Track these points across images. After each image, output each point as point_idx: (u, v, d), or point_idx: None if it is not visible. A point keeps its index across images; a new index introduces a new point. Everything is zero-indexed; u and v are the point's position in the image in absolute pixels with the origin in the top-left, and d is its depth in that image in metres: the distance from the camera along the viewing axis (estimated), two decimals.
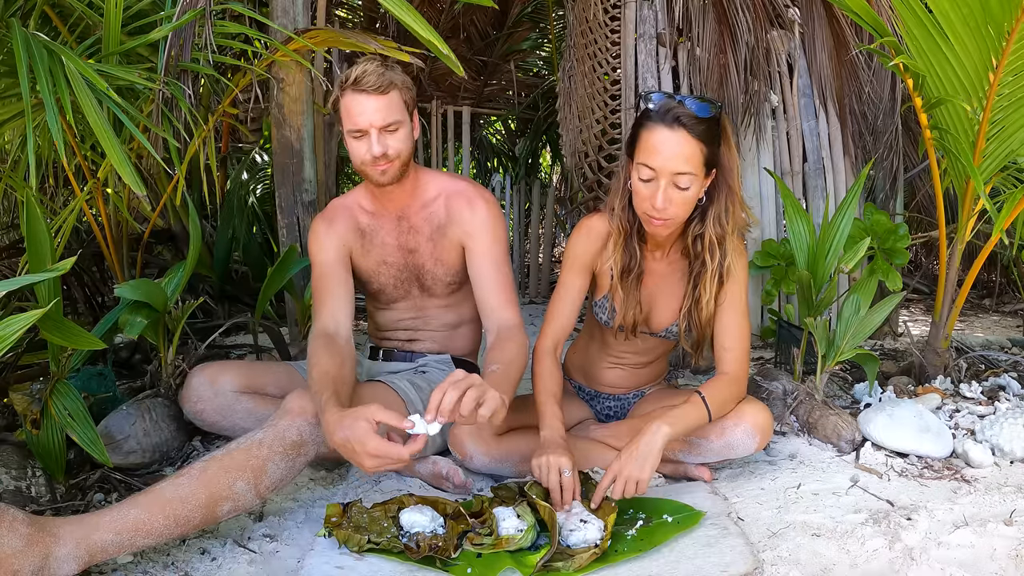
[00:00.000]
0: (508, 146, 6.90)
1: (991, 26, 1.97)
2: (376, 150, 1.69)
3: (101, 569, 1.34)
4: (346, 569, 1.33)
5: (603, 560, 1.34)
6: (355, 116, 1.69)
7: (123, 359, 2.49)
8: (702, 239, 1.65)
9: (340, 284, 1.79)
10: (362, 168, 1.74)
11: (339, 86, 1.72)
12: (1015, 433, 1.87)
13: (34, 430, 1.62)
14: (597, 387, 1.97)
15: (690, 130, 1.48)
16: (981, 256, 2.29)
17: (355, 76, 1.68)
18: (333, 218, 1.86)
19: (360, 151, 1.72)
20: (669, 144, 1.49)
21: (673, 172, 1.49)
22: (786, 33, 3.15)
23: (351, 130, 1.71)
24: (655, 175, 1.51)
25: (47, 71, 1.65)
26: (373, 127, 1.69)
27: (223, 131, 3.50)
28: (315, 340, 1.69)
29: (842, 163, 3.15)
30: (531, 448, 1.72)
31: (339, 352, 1.65)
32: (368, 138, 1.70)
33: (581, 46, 3.51)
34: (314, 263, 1.83)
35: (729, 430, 1.68)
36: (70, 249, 2.78)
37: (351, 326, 1.77)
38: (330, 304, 1.76)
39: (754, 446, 1.70)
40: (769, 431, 1.70)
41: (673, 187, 1.51)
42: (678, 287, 1.75)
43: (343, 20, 5.77)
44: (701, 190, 1.56)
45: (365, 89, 1.68)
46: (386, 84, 1.69)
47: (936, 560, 1.37)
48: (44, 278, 1.54)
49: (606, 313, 1.77)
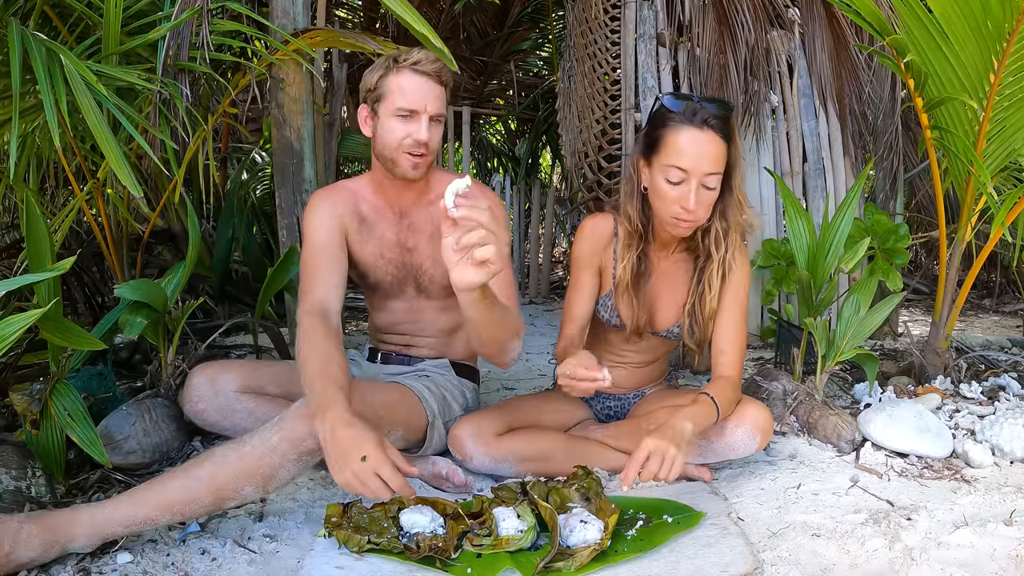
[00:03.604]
0: (508, 146, 6.90)
1: (992, 27, 1.97)
2: (424, 135, 1.66)
3: (101, 569, 1.34)
4: (346, 569, 1.33)
5: (603, 560, 1.34)
6: (410, 94, 1.64)
7: (123, 359, 2.49)
8: (708, 233, 1.66)
9: (334, 262, 1.72)
10: (395, 154, 1.69)
11: (387, 64, 1.67)
12: (1015, 433, 1.87)
13: (34, 430, 1.62)
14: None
15: (717, 130, 1.50)
16: (981, 256, 2.29)
17: (416, 57, 1.65)
18: (334, 197, 1.80)
19: (402, 132, 1.66)
20: (700, 144, 1.50)
21: (704, 172, 1.50)
22: (786, 33, 3.15)
23: (401, 107, 1.65)
24: (686, 176, 1.51)
25: (46, 71, 1.65)
26: (426, 111, 1.66)
27: (223, 131, 3.50)
28: (309, 317, 1.60)
29: (842, 163, 3.15)
30: (531, 449, 1.73)
31: (336, 335, 1.58)
32: (417, 121, 1.66)
33: (581, 46, 3.51)
34: (308, 238, 1.74)
35: (730, 431, 1.68)
36: (70, 249, 2.78)
37: (340, 310, 1.69)
38: (323, 282, 1.68)
39: (755, 446, 1.70)
40: (770, 431, 1.71)
41: (703, 188, 1.52)
42: (682, 285, 1.77)
43: (343, 20, 5.77)
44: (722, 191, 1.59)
45: (427, 72, 1.66)
46: (445, 75, 1.68)
47: (936, 560, 1.37)
48: (44, 278, 1.54)
49: (608, 312, 1.78)
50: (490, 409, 1.83)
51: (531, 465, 1.74)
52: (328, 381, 1.43)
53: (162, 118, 2.09)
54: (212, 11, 2.16)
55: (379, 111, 1.69)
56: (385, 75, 1.67)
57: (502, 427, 1.75)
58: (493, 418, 1.76)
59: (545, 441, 1.77)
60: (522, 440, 1.74)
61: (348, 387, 1.46)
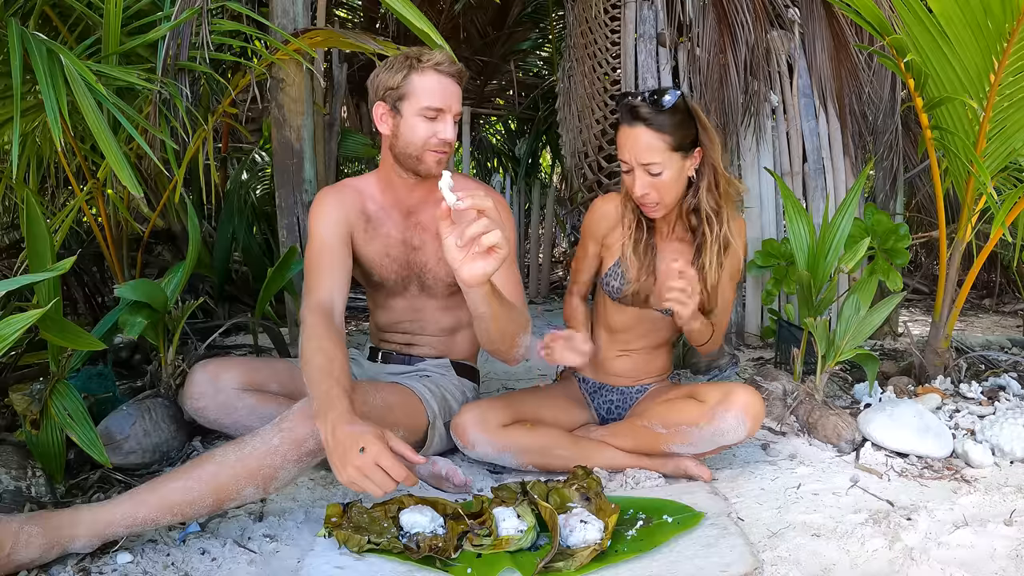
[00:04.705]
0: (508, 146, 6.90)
1: (992, 26, 1.97)
2: (450, 134, 1.71)
3: (101, 569, 1.34)
4: (346, 569, 1.33)
5: (603, 560, 1.34)
6: (436, 94, 1.69)
7: (123, 359, 2.49)
8: (698, 212, 1.77)
9: (338, 261, 1.74)
10: (420, 151, 1.72)
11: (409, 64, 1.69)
12: (1015, 433, 1.87)
13: (34, 430, 1.62)
14: (604, 378, 1.97)
15: (649, 123, 1.65)
16: (981, 256, 2.29)
17: (438, 59, 1.70)
18: (341, 195, 1.82)
19: (428, 131, 1.70)
20: (630, 138, 1.67)
21: (641, 163, 1.66)
22: (786, 33, 3.15)
23: (430, 107, 1.69)
24: (630, 167, 1.69)
25: (47, 71, 1.65)
26: (451, 111, 1.71)
27: (223, 131, 3.50)
28: (313, 314, 1.60)
29: (842, 163, 3.15)
30: (534, 441, 1.75)
31: (340, 334, 1.59)
32: (443, 120, 1.70)
33: (581, 46, 3.52)
34: (313, 236, 1.75)
35: (720, 416, 1.66)
36: (70, 249, 2.78)
37: (344, 310, 1.69)
38: (328, 281, 1.69)
39: (744, 431, 1.67)
40: (760, 417, 1.68)
41: (647, 175, 1.67)
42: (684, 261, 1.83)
43: (343, 20, 5.77)
44: (683, 171, 1.70)
45: (450, 72, 1.70)
46: (463, 77, 1.74)
47: (936, 560, 1.37)
48: (44, 278, 1.54)
49: (618, 280, 1.84)
50: (496, 399, 1.84)
51: (532, 457, 1.76)
52: (332, 381, 1.43)
53: (162, 118, 2.09)
54: (212, 11, 2.17)
55: (403, 110, 1.71)
56: (409, 75, 1.69)
57: (507, 418, 1.77)
58: (498, 408, 1.78)
59: (548, 435, 1.79)
60: (526, 432, 1.76)
61: (351, 387, 1.46)
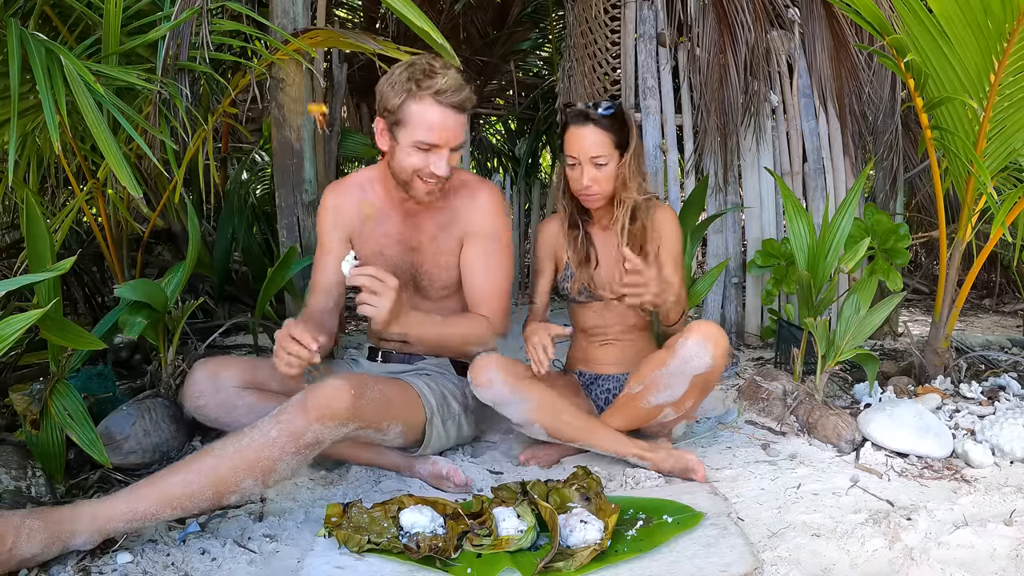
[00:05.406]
0: (508, 146, 6.90)
1: (992, 26, 1.97)
2: (443, 170, 1.63)
3: (101, 569, 1.34)
4: (346, 569, 1.33)
5: (603, 560, 1.34)
6: (432, 130, 1.60)
7: (123, 359, 2.49)
8: (623, 204, 1.95)
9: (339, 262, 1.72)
10: (410, 178, 1.68)
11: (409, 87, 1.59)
12: (1015, 433, 1.87)
13: (34, 430, 1.62)
14: (597, 368, 2.07)
15: (597, 123, 1.87)
16: (981, 256, 2.29)
17: (439, 86, 1.58)
18: (342, 195, 1.87)
19: (420, 163, 1.64)
20: (581, 137, 1.88)
21: (589, 156, 1.87)
22: (786, 33, 3.15)
23: (422, 141, 1.61)
24: (577, 161, 1.89)
25: (46, 71, 1.65)
26: (448, 145, 1.62)
27: (223, 131, 3.50)
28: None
29: (842, 163, 3.15)
30: (548, 399, 1.78)
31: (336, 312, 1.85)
32: (437, 155, 1.63)
33: (581, 46, 3.51)
34: (319, 236, 1.91)
35: (680, 345, 1.72)
36: (70, 249, 2.78)
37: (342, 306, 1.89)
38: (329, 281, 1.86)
39: (708, 357, 1.70)
40: (722, 343, 1.72)
41: (592, 167, 1.88)
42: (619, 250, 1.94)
43: (343, 20, 5.77)
44: (619, 166, 1.91)
45: (451, 103, 1.60)
46: (468, 103, 1.63)
47: (936, 560, 1.37)
48: (44, 278, 1.54)
49: (569, 281, 2.01)
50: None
51: (543, 414, 1.77)
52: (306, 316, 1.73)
53: (162, 118, 2.09)
54: (212, 11, 2.17)
55: (398, 136, 1.66)
56: (406, 100, 1.61)
57: (528, 373, 1.79)
58: (520, 363, 1.81)
59: (563, 399, 1.82)
60: (545, 387, 1.78)
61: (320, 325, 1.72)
